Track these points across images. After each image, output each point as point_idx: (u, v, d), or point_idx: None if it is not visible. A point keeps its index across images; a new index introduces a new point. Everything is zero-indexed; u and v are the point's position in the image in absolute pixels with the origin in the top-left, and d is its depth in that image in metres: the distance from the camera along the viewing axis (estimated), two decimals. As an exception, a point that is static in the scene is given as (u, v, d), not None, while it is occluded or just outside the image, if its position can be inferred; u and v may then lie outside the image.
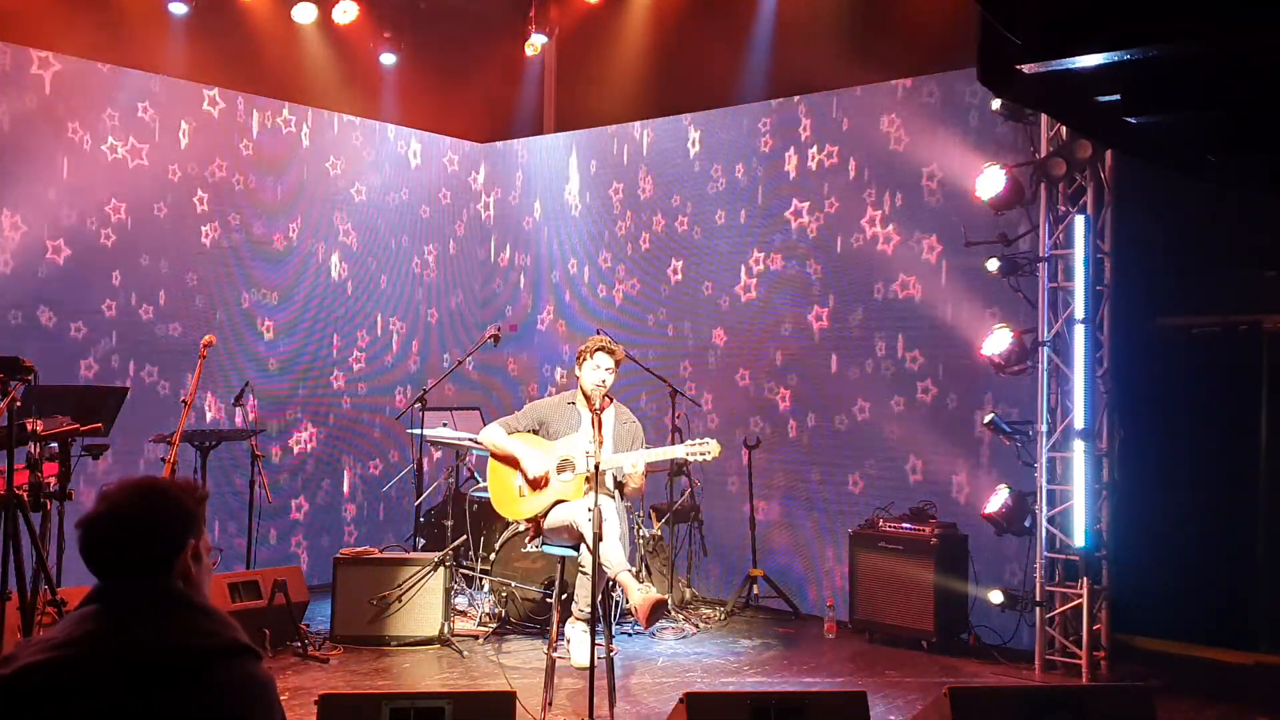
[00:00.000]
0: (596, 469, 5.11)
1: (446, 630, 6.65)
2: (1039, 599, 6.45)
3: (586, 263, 9.19)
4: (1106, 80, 3.20)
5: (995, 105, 6.66)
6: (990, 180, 6.58)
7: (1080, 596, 6.30)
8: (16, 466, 4.42)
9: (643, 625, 5.46)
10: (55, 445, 4.96)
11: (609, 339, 6.05)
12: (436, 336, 9.48)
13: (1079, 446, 6.36)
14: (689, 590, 7.86)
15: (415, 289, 9.36)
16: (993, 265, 6.64)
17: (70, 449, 5.06)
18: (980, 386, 7.07)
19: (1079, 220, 6.45)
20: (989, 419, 6.62)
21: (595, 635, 5.15)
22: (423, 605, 6.64)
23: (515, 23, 9.79)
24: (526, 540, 6.23)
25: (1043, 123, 6.57)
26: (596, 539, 5.04)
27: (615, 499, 5.82)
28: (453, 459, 7.94)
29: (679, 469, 7.76)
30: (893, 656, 6.68)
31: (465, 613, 7.30)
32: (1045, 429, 6.53)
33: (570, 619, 5.96)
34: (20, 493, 4.40)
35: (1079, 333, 6.41)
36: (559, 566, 5.86)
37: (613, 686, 5.31)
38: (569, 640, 5.91)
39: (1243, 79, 3.19)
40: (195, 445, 6.77)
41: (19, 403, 4.47)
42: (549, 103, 10.23)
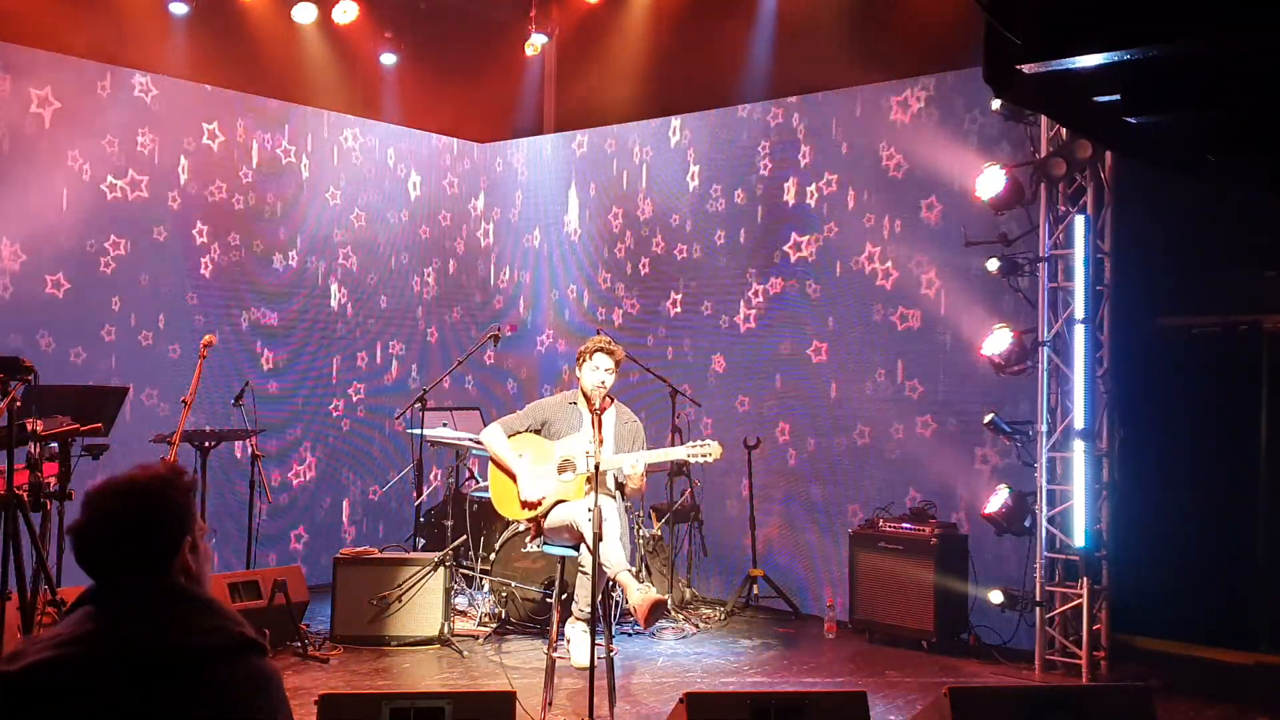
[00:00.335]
0: (596, 469, 5.10)
1: (446, 630, 6.65)
2: (1039, 599, 6.45)
3: (586, 287, 9.19)
4: (1106, 80, 3.20)
5: (995, 105, 6.67)
6: (990, 180, 6.58)
7: (1080, 596, 6.30)
8: (16, 466, 4.42)
9: (642, 625, 5.45)
10: (55, 445, 4.97)
11: (609, 339, 6.03)
12: (438, 355, 9.44)
13: (1079, 446, 6.36)
14: (689, 590, 7.86)
15: (415, 306, 9.34)
16: (993, 265, 6.64)
17: (70, 449, 5.06)
18: (980, 386, 7.07)
19: (1079, 220, 6.45)
20: (989, 419, 6.62)
21: (595, 635, 5.15)
22: (423, 605, 6.64)
23: (515, 23, 9.79)
24: (526, 540, 6.23)
25: (1043, 123, 6.57)
26: (596, 539, 5.04)
27: (616, 499, 5.82)
28: (452, 459, 7.94)
29: (679, 469, 7.75)
30: (893, 656, 6.68)
31: (465, 613, 7.30)
32: (1045, 429, 6.53)
33: (570, 619, 5.96)
34: (20, 493, 4.40)
35: (1079, 333, 6.41)
36: (559, 566, 5.85)
37: (613, 686, 5.31)
38: (569, 640, 5.90)
39: (1243, 79, 3.19)
40: (195, 445, 6.77)
41: (19, 403, 4.47)
42: (549, 103, 10.23)
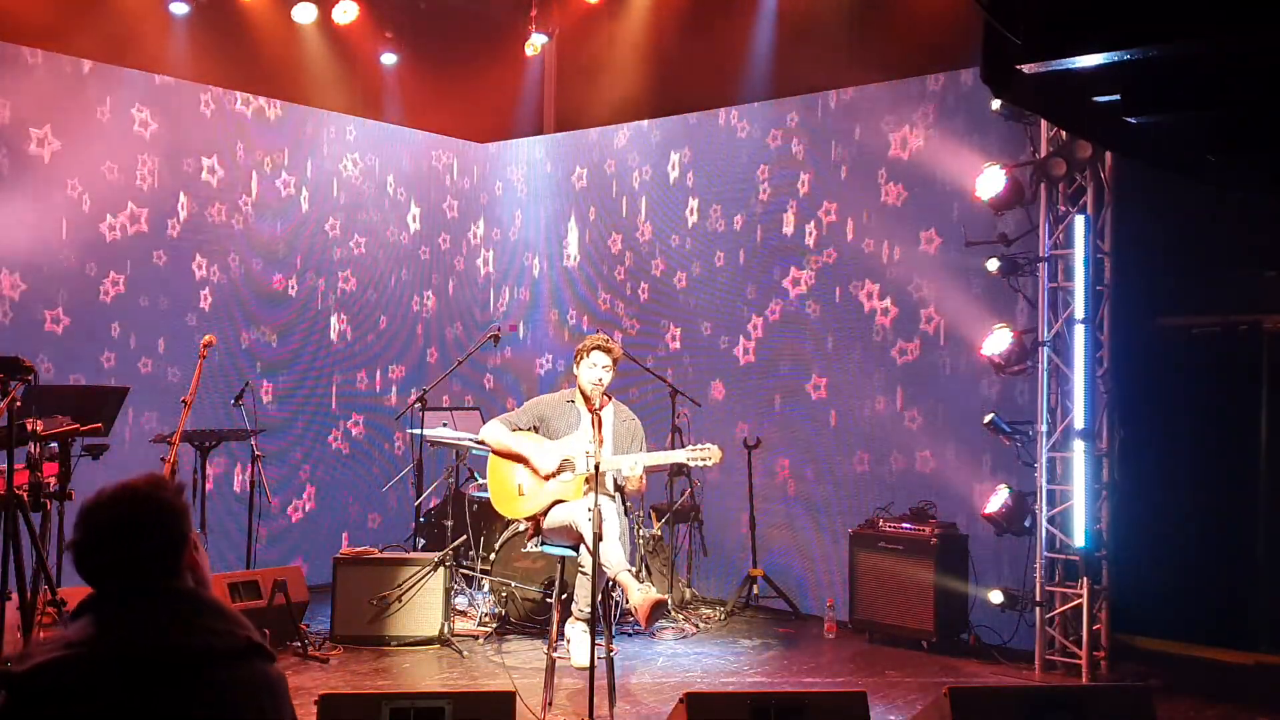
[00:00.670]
0: (597, 469, 5.10)
1: (446, 630, 6.65)
2: (1039, 599, 6.45)
3: (585, 312, 9.18)
4: (1106, 80, 3.20)
5: (995, 105, 6.66)
6: (990, 180, 6.58)
7: (1080, 596, 6.30)
8: (16, 466, 4.42)
9: (642, 625, 5.46)
10: (55, 445, 4.96)
11: (606, 337, 6.02)
12: (438, 375, 9.39)
13: (1079, 446, 6.36)
14: (689, 590, 7.86)
15: (414, 325, 9.32)
16: (993, 265, 6.64)
17: (70, 449, 5.06)
18: (980, 387, 7.07)
19: (1079, 220, 6.45)
20: (989, 419, 6.62)
21: (595, 635, 5.15)
22: (423, 605, 6.64)
23: (515, 23, 9.79)
24: (526, 540, 6.23)
25: (1043, 123, 6.56)
26: (596, 539, 5.04)
27: (615, 499, 5.82)
28: (452, 459, 7.94)
29: (679, 469, 7.75)
30: (893, 656, 6.68)
31: (465, 613, 7.30)
32: (1045, 429, 6.53)
33: (570, 619, 5.96)
34: (20, 493, 4.40)
35: (1079, 333, 6.41)
36: (559, 566, 5.85)
37: (613, 686, 5.31)
38: (569, 640, 5.90)
39: (1243, 79, 3.19)
40: (195, 445, 6.77)
41: (19, 403, 4.47)
42: (549, 103, 10.24)
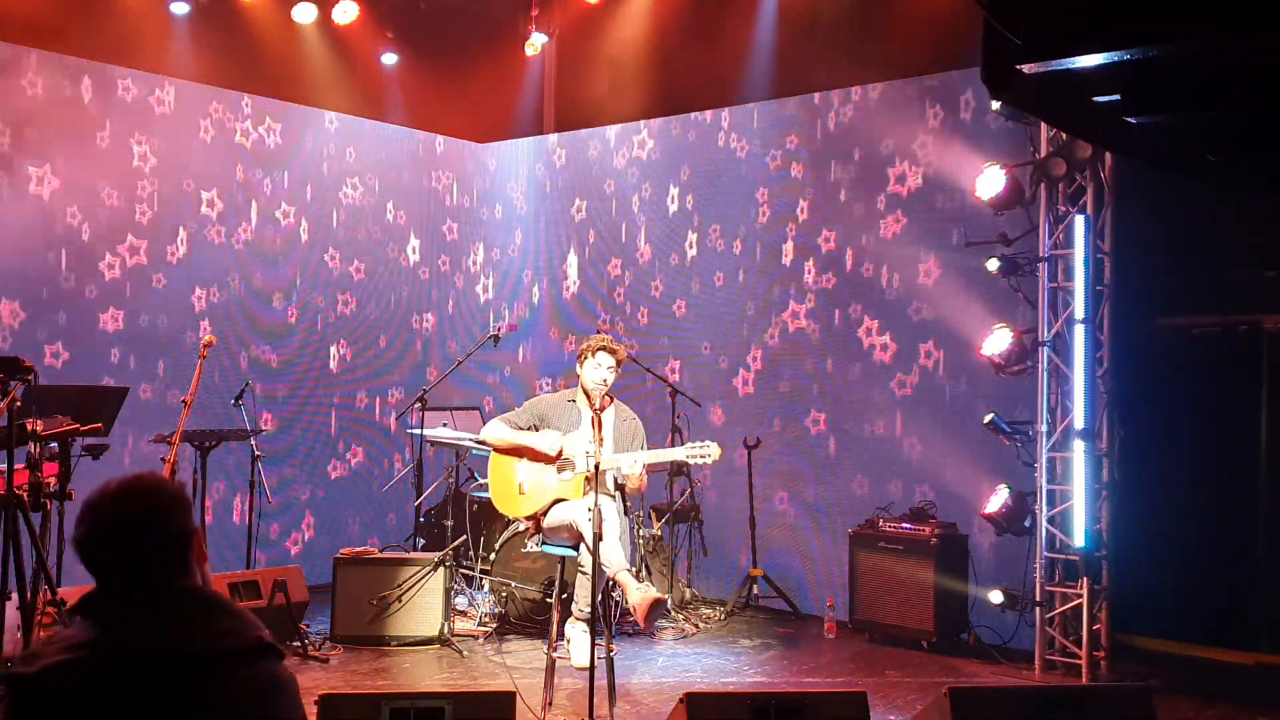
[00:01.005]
0: (596, 469, 5.10)
1: (446, 630, 6.65)
2: (1039, 599, 6.45)
3: (584, 337, 9.15)
4: (1106, 80, 3.20)
5: (995, 105, 6.66)
6: (990, 180, 6.58)
7: (1080, 596, 6.30)
8: (16, 466, 4.42)
9: (641, 625, 5.46)
10: (55, 445, 4.96)
11: (610, 337, 6.01)
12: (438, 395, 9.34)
13: (1079, 446, 6.36)
14: (689, 590, 7.86)
15: (414, 342, 9.30)
16: (993, 265, 6.64)
17: (70, 449, 5.06)
18: (980, 387, 7.07)
19: (1079, 220, 6.44)
20: (989, 419, 6.62)
21: (595, 635, 5.15)
22: (423, 605, 6.64)
23: (515, 23, 9.79)
24: (526, 539, 6.23)
25: (1043, 123, 6.56)
26: (596, 539, 5.04)
27: (615, 499, 5.82)
28: (452, 459, 7.94)
29: (679, 469, 7.75)
30: (893, 656, 6.68)
31: (465, 613, 7.30)
32: (1045, 429, 6.53)
33: (570, 619, 5.96)
34: (20, 493, 4.40)
35: (1079, 333, 6.41)
36: (559, 566, 5.85)
37: (613, 686, 5.31)
38: (569, 640, 5.91)
39: (1243, 79, 3.19)
40: (195, 445, 6.77)
41: (19, 403, 4.47)
42: (549, 103, 10.24)
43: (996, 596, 6.65)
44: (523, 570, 6.96)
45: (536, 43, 9.55)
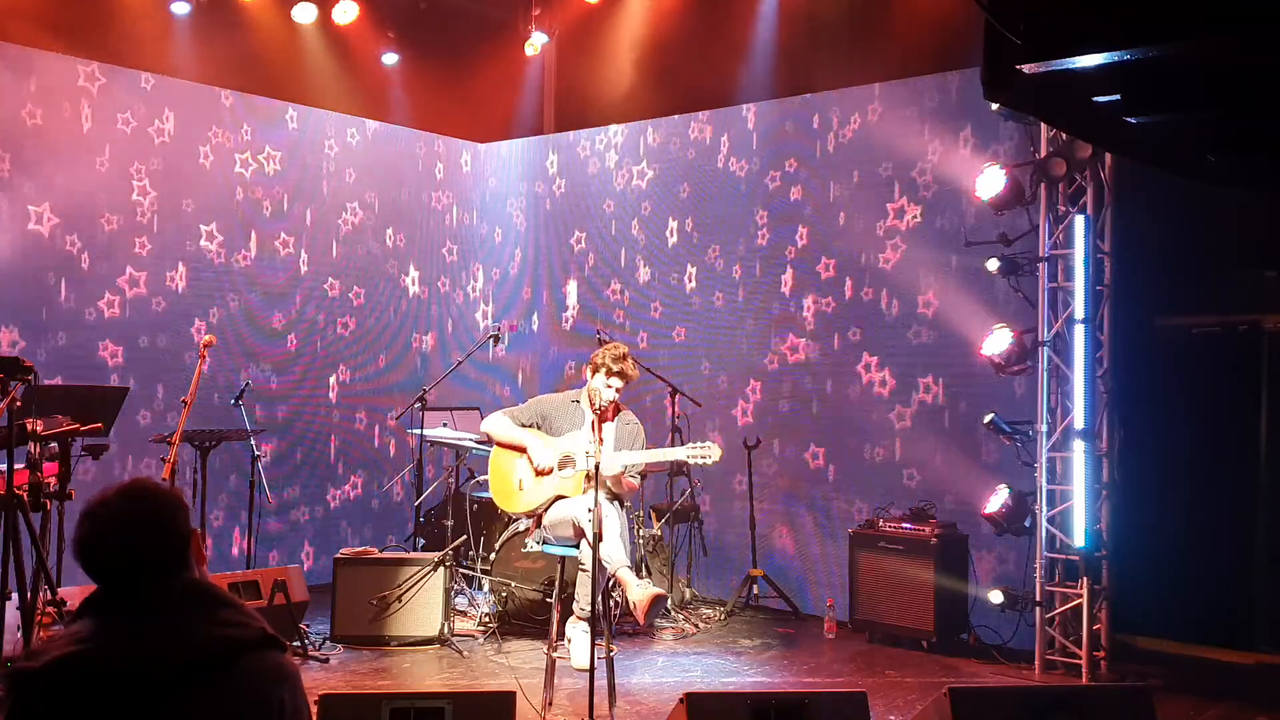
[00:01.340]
0: (596, 469, 5.10)
1: (446, 630, 6.65)
2: (1039, 599, 6.44)
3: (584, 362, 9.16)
4: (1106, 80, 3.19)
5: (995, 105, 6.66)
6: (990, 180, 6.58)
7: (1080, 596, 6.30)
8: (16, 466, 4.42)
9: (640, 621, 5.46)
10: (55, 445, 4.97)
11: (629, 361, 5.93)
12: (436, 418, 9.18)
13: (1079, 446, 6.36)
14: (689, 590, 7.86)
15: (414, 360, 9.26)
16: (993, 265, 6.64)
17: (70, 449, 5.06)
18: (980, 387, 7.07)
19: (1079, 220, 6.45)
20: (989, 419, 6.62)
21: (595, 635, 5.15)
22: (423, 605, 6.65)
23: (515, 23, 9.80)
24: (526, 539, 6.23)
25: (1042, 123, 6.57)
26: (597, 539, 5.04)
27: (615, 503, 5.84)
28: (452, 459, 7.94)
29: (679, 469, 7.75)
30: (893, 656, 6.68)
31: (465, 613, 7.30)
32: (1045, 429, 6.53)
33: (571, 618, 5.97)
34: (20, 493, 4.41)
35: (1079, 333, 6.41)
36: (559, 566, 5.86)
37: (613, 686, 5.31)
38: (569, 640, 5.91)
39: (1242, 79, 3.19)
40: (195, 445, 6.77)
41: (19, 403, 4.47)
42: (549, 103, 10.24)
43: (996, 596, 6.65)
44: (523, 570, 6.96)
45: (536, 43, 9.55)
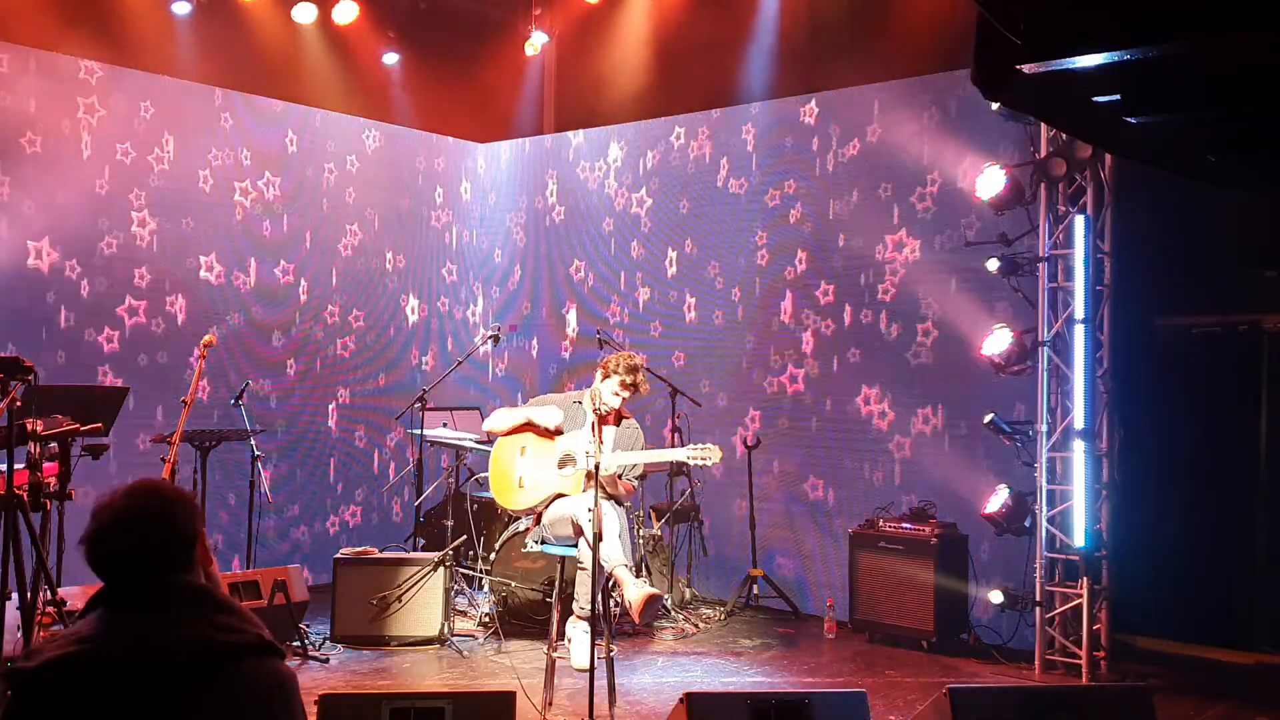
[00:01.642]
0: (596, 469, 5.10)
1: (446, 630, 6.65)
2: (1039, 599, 6.44)
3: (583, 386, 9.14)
4: (1106, 80, 3.20)
5: (995, 105, 6.66)
6: (990, 180, 6.58)
7: (1080, 596, 6.30)
8: (16, 466, 4.42)
9: (636, 620, 5.47)
10: (55, 445, 4.96)
11: (640, 374, 5.90)
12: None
13: (1079, 446, 6.36)
14: (689, 590, 7.86)
15: (414, 379, 9.22)
16: (993, 265, 6.64)
17: (70, 449, 5.05)
18: (980, 387, 7.06)
19: (1079, 220, 6.45)
20: (989, 419, 6.62)
21: (595, 635, 5.15)
22: (423, 605, 6.65)
23: (515, 23, 9.79)
24: (526, 539, 6.23)
25: (1042, 123, 6.56)
26: (596, 539, 5.04)
27: (614, 502, 5.85)
28: (452, 459, 7.94)
29: (679, 469, 7.75)
30: (893, 656, 6.68)
31: (465, 613, 7.30)
32: (1045, 429, 6.53)
33: (571, 618, 5.96)
34: (20, 493, 4.40)
35: (1079, 333, 6.41)
36: (559, 566, 5.86)
37: (613, 686, 5.31)
38: (569, 640, 5.91)
39: (1242, 79, 3.19)
40: (195, 445, 6.77)
41: (19, 403, 4.47)
42: (549, 103, 10.24)
43: (996, 596, 6.65)
44: (523, 570, 6.96)
45: (536, 42, 9.55)
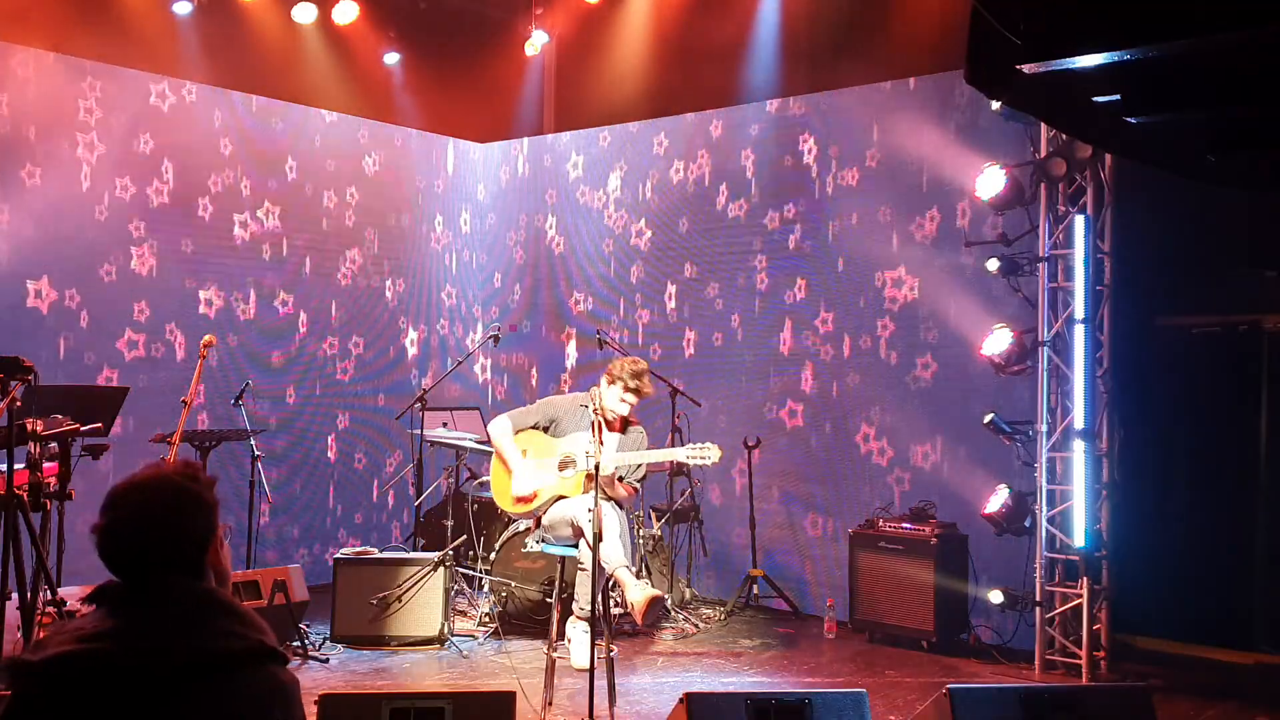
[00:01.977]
0: (596, 469, 5.11)
1: (446, 630, 6.65)
2: (1039, 599, 6.44)
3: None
4: (1106, 80, 3.20)
5: (995, 105, 6.66)
6: (990, 180, 6.58)
7: (1080, 596, 6.30)
8: (16, 466, 4.42)
9: (639, 622, 5.47)
10: (55, 445, 4.96)
11: (645, 378, 5.91)
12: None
13: (1079, 446, 6.36)
14: (689, 590, 7.86)
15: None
16: (993, 265, 6.64)
17: (70, 449, 5.05)
18: (980, 387, 7.06)
19: (1079, 220, 6.44)
20: (989, 419, 6.62)
21: (595, 635, 5.15)
22: (423, 605, 6.64)
23: (515, 23, 9.79)
24: (526, 539, 6.24)
25: (1042, 123, 6.56)
26: (596, 539, 5.05)
27: (613, 504, 5.85)
28: (452, 459, 7.94)
29: (679, 469, 7.75)
30: (893, 656, 6.68)
31: (465, 613, 7.30)
32: (1045, 429, 6.53)
33: (571, 618, 5.97)
34: (20, 493, 4.40)
35: (1079, 333, 6.41)
36: (559, 566, 5.86)
37: (613, 686, 5.31)
38: (569, 640, 5.91)
39: (1243, 79, 3.19)
40: (195, 445, 6.77)
41: (19, 403, 4.47)
42: (549, 103, 10.24)
43: (996, 596, 6.65)
44: (523, 570, 6.96)
45: (536, 42, 9.54)
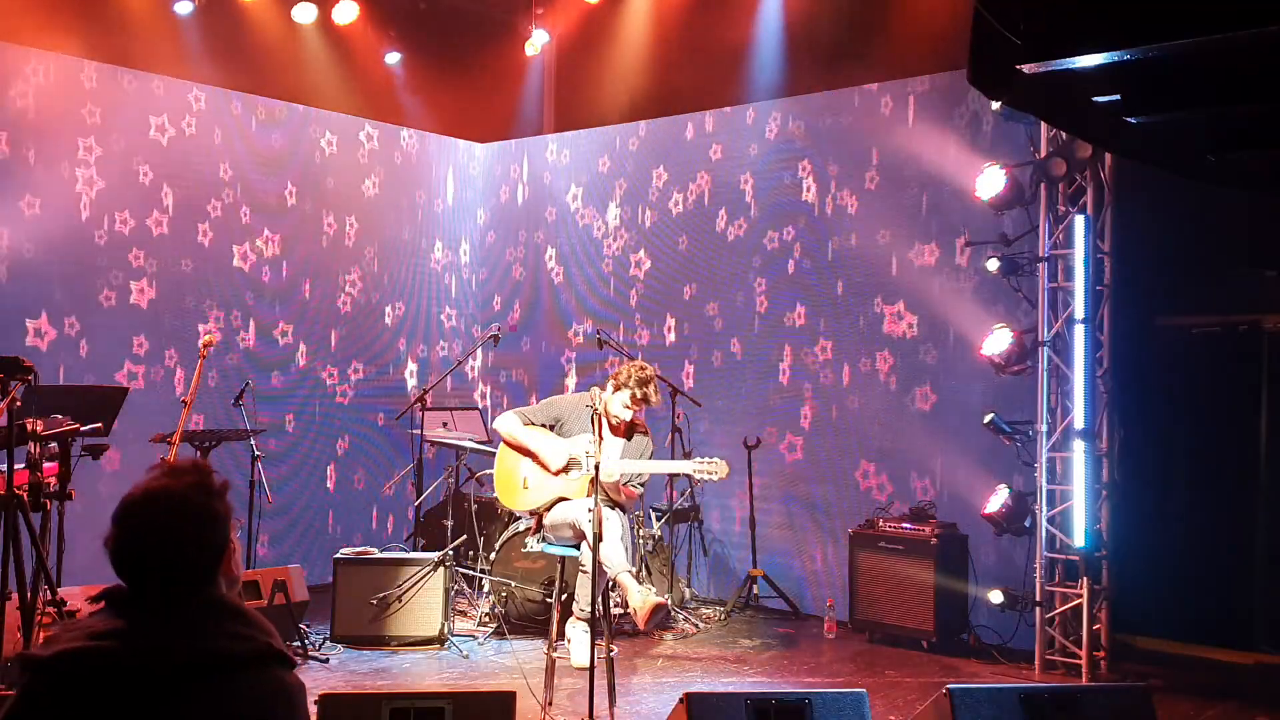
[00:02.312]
0: (596, 469, 5.11)
1: (446, 630, 6.65)
2: (1039, 599, 6.44)
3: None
4: (1106, 80, 3.20)
5: (995, 105, 6.66)
6: (990, 180, 6.58)
7: (1080, 596, 6.30)
8: (16, 466, 4.41)
9: (641, 627, 5.47)
10: (55, 445, 4.96)
11: (652, 385, 5.90)
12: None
13: (1079, 446, 6.36)
14: (689, 590, 7.86)
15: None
16: (993, 265, 6.64)
17: (70, 449, 5.05)
18: (980, 387, 7.06)
19: (1079, 220, 6.44)
20: (989, 419, 6.62)
21: (595, 635, 5.15)
22: (423, 605, 6.64)
23: (515, 23, 9.79)
24: (527, 539, 6.24)
25: (1042, 122, 6.56)
26: (597, 539, 5.05)
27: (616, 508, 5.85)
28: (452, 459, 7.93)
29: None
30: (893, 656, 6.68)
31: (465, 613, 7.30)
32: (1045, 429, 6.53)
33: (571, 618, 5.97)
34: (20, 493, 4.40)
35: (1079, 333, 6.41)
36: (559, 566, 5.86)
37: (613, 686, 5.31)
38: (569, 640, 5.91)
39: (1243, 79, 3.19)
40: (195, 445, 6.76)
41: (19, 403, 4.47)
42: (549, 103, 10.24)
43: (996, 596, 6.65)
44: (523, 570, 6.96)
45: (536, 42, 9.54)
